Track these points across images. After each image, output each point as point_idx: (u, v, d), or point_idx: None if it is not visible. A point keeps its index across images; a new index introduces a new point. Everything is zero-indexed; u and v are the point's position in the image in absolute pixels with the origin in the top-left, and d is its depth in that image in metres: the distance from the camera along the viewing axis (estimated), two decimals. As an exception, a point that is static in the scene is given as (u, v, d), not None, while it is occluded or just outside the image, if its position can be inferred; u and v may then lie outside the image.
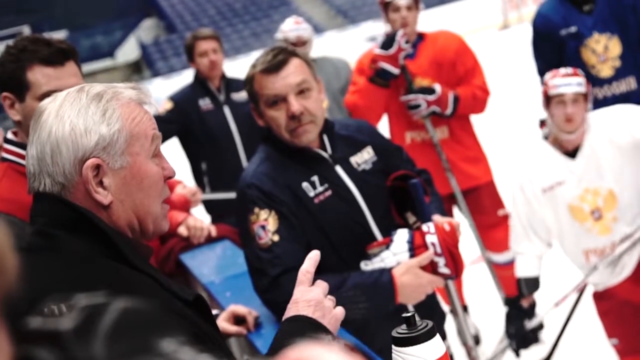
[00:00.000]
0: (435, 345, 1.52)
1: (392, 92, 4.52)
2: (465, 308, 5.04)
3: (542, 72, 4.76)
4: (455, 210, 4.81)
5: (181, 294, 1.50)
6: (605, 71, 4.53)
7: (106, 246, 1.48)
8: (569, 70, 3.77)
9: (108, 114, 1.51)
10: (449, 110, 4.49)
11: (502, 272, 4.79)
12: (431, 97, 4.45)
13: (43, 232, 1.49)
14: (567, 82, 3.70)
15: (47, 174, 1.49)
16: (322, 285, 1.80)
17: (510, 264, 4.64)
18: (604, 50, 4.52)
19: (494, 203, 4.75)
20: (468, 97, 4.55)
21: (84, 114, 1.50)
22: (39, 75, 2.32)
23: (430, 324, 1.53)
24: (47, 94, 2.26)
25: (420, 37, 4.71)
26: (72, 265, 1.45)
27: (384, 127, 4.71)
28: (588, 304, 4.10)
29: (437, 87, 4.47)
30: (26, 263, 1.48)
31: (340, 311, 1.79)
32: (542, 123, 4.71)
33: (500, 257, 4.78)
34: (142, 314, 0.97)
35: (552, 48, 4.62)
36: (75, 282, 1.42)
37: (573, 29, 4.56)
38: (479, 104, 4.64)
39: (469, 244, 4.90)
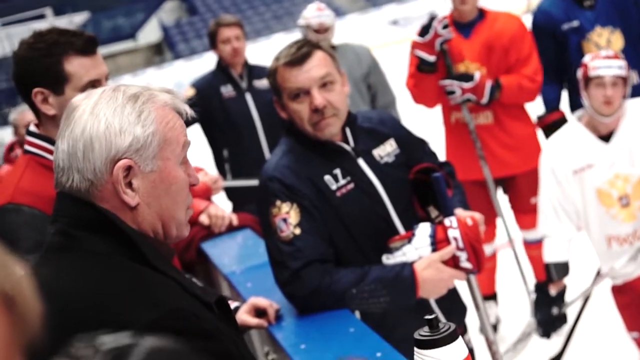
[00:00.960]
0: (457, 348, 1.51)
1: (438, 73, 4.48)
2: (494, 296, 5.03)
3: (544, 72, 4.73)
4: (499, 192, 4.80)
5: (203, 297, 1.50)
6: None
7: (128, 248, 1.47)
8: (610, 52, 3.73)
9: (143, 116, 1.50)
10: (484, 100, 4.44)
11: (532, 251, 4.78)
12: (467, 85, 4.40)
13: (65, 232, 1.49)
14: (608, 64, 3.67)
15: (77, 170, 1.48)
16: None
17: (541, 242, 4.63)
18: (607, 43, 4.49)
19: (532, 192, 4.70)
20: (513, 86, 4.47)
21: (119, 113, 1.49)
22: (78, 66, 2.32)
23: (453, 326, 1.52)
24: (89, 84, 2.28)
25: (481, 15, 4.62)
26: (94, 266, 1.45)
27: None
28: (607, 298, 4.09)
29: (476, 75, 4.41)
30: (47, 263, 1.49)
31: None
32: (539, 119, 4.68)
33: (531, 235, 4.76)
34: (168, 355, 0.96)
35: (553, 44, 4.58)
36: (97, 283, 1.43)
37: (575, 23, 4.53)
38: (526, 93, 4.53)
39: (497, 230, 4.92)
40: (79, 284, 1.43)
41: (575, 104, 4.60)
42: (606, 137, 3.72)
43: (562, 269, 3.89)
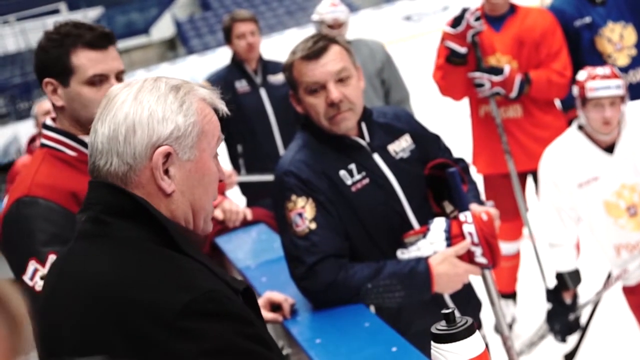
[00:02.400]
0: (474, 342, 1.51)
1: (467, 65, 4.49)
2: (514, 295, 5.03)
3: None
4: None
5: (232, 284, 1.52)
6: (622, 60, 4.48)
7: (160, 235, 1.50)
8: (607, 71, 3.69)
9: (185, 106, 1.54)
10: (513, 94, 4.43)
11: None
12: (496, 78, 4.39)
13: (97, 219, 1.51)
14: (606, 84, 3.63)
15: (117, 154, 1.51)
16: None
17: None
18: (620, 38, 4.48)
19: None
20: (542, 81, 4.45)
21: (162, 101, 1.53)
22: (84, 59, 2.33)
23: (470, 320, 1.52)
24: (93, 78, 2.30)
25: (512, 9, 4.61)
26: (127, 252, 1.48)
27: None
28: (619, 296, 4.07)
29: (506, 69, 4.40)
30: (79, 250, 1.52)
31: None
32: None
33: None
34: None
35: (567, 41, 4.56)
36: (130, 269, 1.45)
37: (587, 19, 4.54)
38: (555, 88, 4.51)
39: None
40: (112, 269, 1.46)
41: None
42: (609, 148, 3.70)
43: (575, 277, 3.89)
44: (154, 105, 1.52)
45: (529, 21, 4.55)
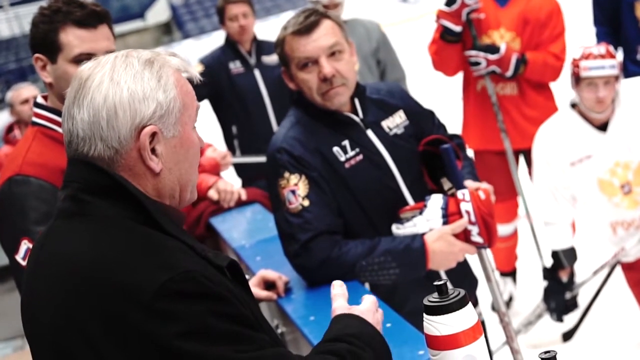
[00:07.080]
0: (467, 314, 1.49)
1: (462, 42, 4.49)
2: (513, 273, 5.04)
3: (598, 22, 4.78)
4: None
5: (215, 260, 1.50)
6: None
7: (139, 213, 1.48)
8: (602, 50, 3.66)
9: (163, 81, 1.50)
10: (509, 73, 4.42)
11: None
12: (492, 57, 4.39)
13: (76, 198, 1.49)
14: (600, 64, 3.60)
15: (100, 139, 1.47)
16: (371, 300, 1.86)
17: None
18: None
19: None
20: (538, 62, 4.44)
21: (140, 79, 1.49)
22: (72, 37, 2.31)
23: (462, 292, 1.50)
24: (80, 57, 2.27)
25: None
26: (105, 230, 1.45)
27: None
28: (617, 274, 4.06)
29: (502, 47, 4.39)
30: (60, 229, 1.50)
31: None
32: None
33: None
34: None
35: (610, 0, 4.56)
36: (108, 247, 1.43)
37: None
38: (550, 71, 4.51)
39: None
40: (90, 249, 1.44)
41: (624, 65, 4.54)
42: (602, 126, 3.68)
43: (571, 255, 3.88)
44: (132, 84, 1.48)
45: (535, 1, 4.52)
